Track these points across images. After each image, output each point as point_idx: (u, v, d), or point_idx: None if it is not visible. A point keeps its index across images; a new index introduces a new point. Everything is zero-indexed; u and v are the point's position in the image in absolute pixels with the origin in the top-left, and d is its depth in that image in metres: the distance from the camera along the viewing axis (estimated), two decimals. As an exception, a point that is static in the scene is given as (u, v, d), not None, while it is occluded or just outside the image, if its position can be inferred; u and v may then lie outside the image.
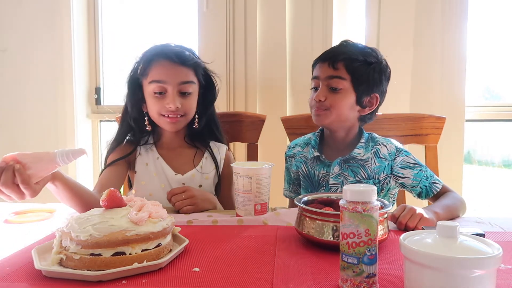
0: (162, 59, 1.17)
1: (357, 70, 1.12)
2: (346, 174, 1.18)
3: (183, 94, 1.19)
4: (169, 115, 1.18)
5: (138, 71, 1.21)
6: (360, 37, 1.81)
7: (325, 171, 1.21)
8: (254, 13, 1.86)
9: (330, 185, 1.19)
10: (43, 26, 2.06)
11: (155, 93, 1.18)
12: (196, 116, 1.26)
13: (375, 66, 1.15)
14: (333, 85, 1.14)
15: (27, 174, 0.80)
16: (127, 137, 1.28)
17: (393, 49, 1.70)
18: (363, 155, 1.18)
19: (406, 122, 1.40)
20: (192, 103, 1.22)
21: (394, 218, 0.91)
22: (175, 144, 1.29)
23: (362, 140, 1.19)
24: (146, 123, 1.24)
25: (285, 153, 1.36)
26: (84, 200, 0.98)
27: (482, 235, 0.78)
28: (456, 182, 1.73)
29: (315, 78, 1.20)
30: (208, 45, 1.91)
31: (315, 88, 1.19)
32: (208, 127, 1.31)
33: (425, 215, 0.91)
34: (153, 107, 1.20)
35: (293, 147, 1.33)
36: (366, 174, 1.18)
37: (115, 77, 2.23)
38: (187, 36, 2.12)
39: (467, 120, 1.75)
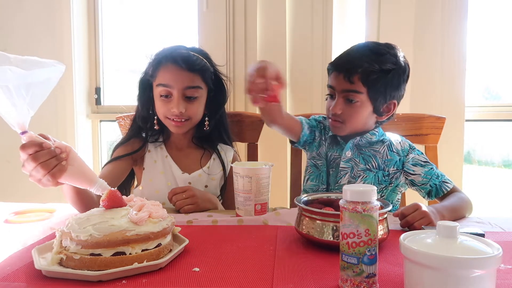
0: (169, 63, 1.18)
1: (374, 82, 1.09)
2: (357, 160, 1.19)
3: (189, 99, 1.19)
4: (174, 119, 1.19)
5: (149, 72, 1.23)
6: (360, 37, 1.81)
7: (337, 154, 1.22)
8: (254, 13, 1.86)
9: (340, 168, 1.19)
10: (43, 26, 2.06)
11: (161, 95, 1.19)
12: (206, 118, 1.27)
13: (394, 73, 1.10)
14: (349, 98, 1.12)
15: (63, 174, 0.81)
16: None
17: (393, 49, 1.70)
18: (374, 139, 1.19)
19: (406, 122, 1.40)
20: (197, 108, 1.22)
21: (403, 215, 0.90)
22: (183, 145, 1.31)
23: (376, 130, 1.20)
24: (154, 122, 1.26)
25: (314, 117, 1.30)
26: (83, 204, 0.99)
27: (482, 235, 0.78)
28: (456, 182, 1.70)
29: (330, 87, 1.17)
30: (208, 45, 1.91)
31: (331, 96, 1.18)
32: (217, 130, 1.32)
33: (434, 221, 0.89)
34: (159, 110, 1.22)
35: (320, 117, 1.30)
36: (376, 164, 1.18)
37: (115, 77, 2.23)
38: (187, 36, 2.12)
39: (467, 120, 1.75)
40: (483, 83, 1.96)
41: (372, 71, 1.08)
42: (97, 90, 2.18)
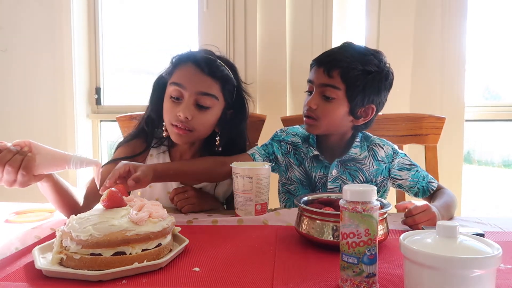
0: (189, 62, 1.09)
1: (353, 80, 1.05)
2: (344, 177, 1.16)
3: (200, 107, 1.09)
4: (178, 125, 1.08)
5: (167, 70, 1.15)
6: (360, 38, 1.81)
7: (322, 173, 1.18)
8: (254, 13, 1.85)
9: (328, 190, 1.16)
10: (43, 26, 2.06)
11: (171, 97, 1.10)
12: (217, 138, 1.17)
13: (375, 76, 1.07)
14: (326, 94, 1.08)
15: (34, 164, 0.80)
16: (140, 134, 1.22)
17: (393, 50, 1.70)
18: (360, 154, 1.16)
19: (406, 122, 1.40)
20: (207, 120, 1.11)
21: (410, 213, 0.90)
22: (187, 154, 1.23)
23: (357, 140, 1.17)
24: (163, 128, 1.16)
25: (281, 135, 1.25)
26: (66, 205, 0.97)
27: (482, 235, 0.78)
28: (456, 182, 1.73)
29: (309, 82, 1.14)
30: (208, 45, 1.91)
31: (310, 92, 1.14)
32: (228, 151, 1.18)
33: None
34: (166, 113, 1.12)
35: (293, 135, 1.24)
36: (364, 178, 1.16)
37: (115, 77, 2.23)
38: (187, 36, 2.12)
39: (467, 120, 1.75)
40: (483, 83, 1.96)
41: (353, 68, 1.05)
42: (97, 90, 2.18)
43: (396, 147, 1.21)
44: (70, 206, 0.98)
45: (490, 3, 1.90)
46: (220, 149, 1.17)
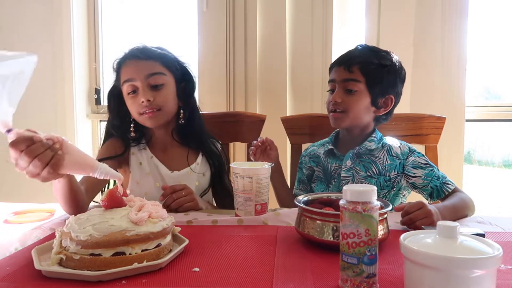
0: (128, 59, 1.20)
1: (372, 72, 1.16)
2: (358, 168, 1.21)
3: (155, 88, 1.18)
4: (146, 110, 1.17)
5: (116, 78, 1.26)
6: (360, 37, 1.81)
7: (337, 164, 1.25)
8: (254, 13, 1.85)
9: (341, 178, 1.22)
10: (43, 26, 2.06)
11: (128, 94, 1.19)
12: (181, 111, 1.25)
13: (390, 68, 1.18)
14: (349, 87, 1.18)
15: (62, 163, 0.79)
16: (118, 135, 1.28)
17: (393, 49, 1.68)
18: (374, 147, 1.21)
19: (406, 122, 1.40)
20: (166, 95, 1.20)
21: (406, 213, 0.90)
22: (167, 143, 1.29)
23: (374, 135, 1.23)
24: (131, 129, 1.24)
25: (301, 160, 1.40)
26: (76, 203, 0.98)
27: (483, 235, 0.78)
28: (456, 182, 1.70)
29: (331, 81, 1.23)
30: (208, 45, 1.91)
31: (332, 91, 1.23)
32: (195, 124, 1.29)
33: (436, 222, 0.88)
34: (132, 109, 1.20)
35: (309, 149, 1.38)
36: (377, 170, 1.20)
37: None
38: (187, 36, 2.12)
39: (467, 120, 1.75)
40: (483, 83, 1.96)
41: (370, 62, 1.17)
42: (97, 91, 2.18)
43: (413, 147, 1.25)
44: (79, 205, 0.97)
45: (491, 3, 1.89)
46: (184, 120, 1.25)
